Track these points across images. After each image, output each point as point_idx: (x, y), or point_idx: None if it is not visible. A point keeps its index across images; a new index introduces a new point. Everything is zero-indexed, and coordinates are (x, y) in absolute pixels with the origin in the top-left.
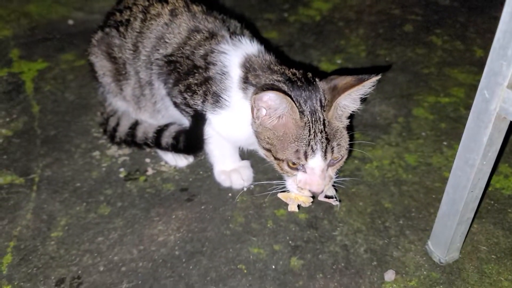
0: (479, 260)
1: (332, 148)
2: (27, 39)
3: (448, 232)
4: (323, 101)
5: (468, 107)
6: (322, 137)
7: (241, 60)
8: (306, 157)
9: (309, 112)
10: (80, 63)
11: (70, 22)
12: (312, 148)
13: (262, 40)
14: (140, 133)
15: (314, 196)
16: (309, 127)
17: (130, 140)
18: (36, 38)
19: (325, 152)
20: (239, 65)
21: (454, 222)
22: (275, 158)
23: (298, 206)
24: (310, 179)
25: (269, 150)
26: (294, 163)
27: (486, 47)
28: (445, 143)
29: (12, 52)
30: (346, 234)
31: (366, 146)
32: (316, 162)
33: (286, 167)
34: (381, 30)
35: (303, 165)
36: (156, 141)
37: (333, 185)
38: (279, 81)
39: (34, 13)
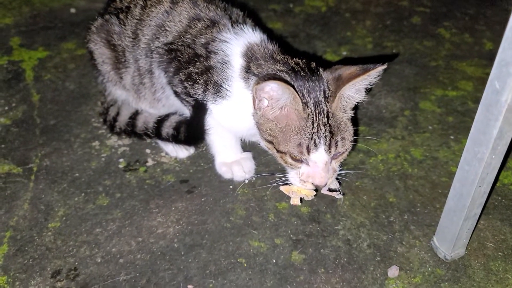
0: (485, 257)
1: (336, 142)
2: (28, 27)
3: (454, 227)
4: (327, 92)
5: (477, 101)
6: (325, 130)
7: (243, 49)
8: (308, 151)
9: (313, 103)
10: (81, 52)
11: (72, 10)
12: (315, 142)
13: (265, 30)
14: (140, 123)
15: (317, 189)
16: (313, 119)
17: (130, 130)
18: (38, 26)
19: (329, 146)
20: (241, 54)
21: (461, 217)
22: (278, 151)
23: (301, 199)
24: (313, 172)
25: (271, 142)
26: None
27: (496, 40)
28: (452, 137)
29: (12, 40)
30: (349, 229)
31: (371, 140)
32: (319, 156)
33: (289, 160)
34: (388, 22)
35: (305, 158)
36: (157, 132)
37: (336, 178)
38: (281, 70)
39: (36, 1)
